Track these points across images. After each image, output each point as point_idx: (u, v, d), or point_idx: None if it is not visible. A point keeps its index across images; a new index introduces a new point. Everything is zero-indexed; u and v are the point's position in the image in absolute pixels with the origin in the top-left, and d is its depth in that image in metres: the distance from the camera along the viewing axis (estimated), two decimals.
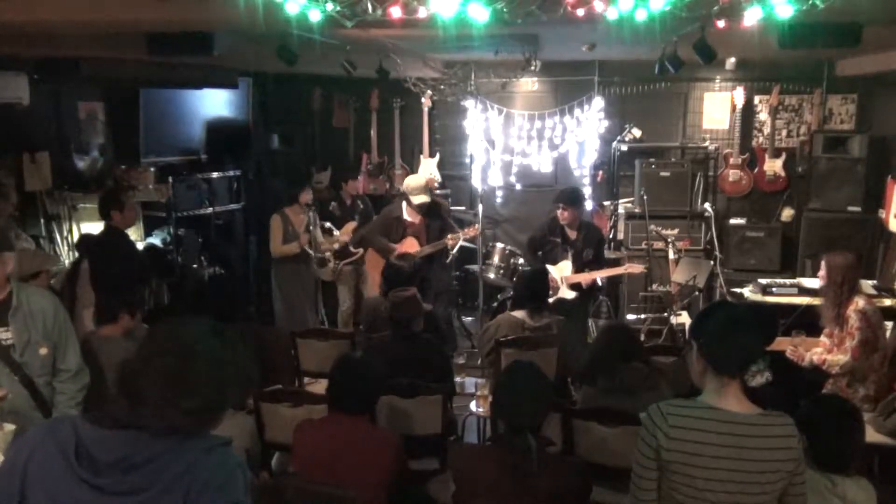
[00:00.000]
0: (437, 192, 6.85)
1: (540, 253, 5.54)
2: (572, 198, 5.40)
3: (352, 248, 6.16)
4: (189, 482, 1.45)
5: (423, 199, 5.73)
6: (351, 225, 6.15)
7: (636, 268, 5.59)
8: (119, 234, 4.83)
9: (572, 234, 5.43)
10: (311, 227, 5.88)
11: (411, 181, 5.83)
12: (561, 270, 5.36)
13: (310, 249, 5.86)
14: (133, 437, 1.46)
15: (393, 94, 7.20)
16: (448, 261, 5.90)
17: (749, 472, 1.96)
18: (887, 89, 6.29)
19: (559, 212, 5.39)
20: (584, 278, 5.39)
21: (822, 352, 4.14)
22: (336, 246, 6.05)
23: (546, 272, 5.03)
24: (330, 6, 3.04)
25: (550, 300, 5.13)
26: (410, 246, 5.83)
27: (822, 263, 4.19)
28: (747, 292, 5.50)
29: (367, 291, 6.17)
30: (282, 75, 7.08)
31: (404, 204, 5.86)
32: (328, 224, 6.12)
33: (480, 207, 5.50)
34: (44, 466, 1.46)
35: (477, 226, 5.94)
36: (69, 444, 1.45)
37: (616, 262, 5.97)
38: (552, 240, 5.49)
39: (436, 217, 5.87)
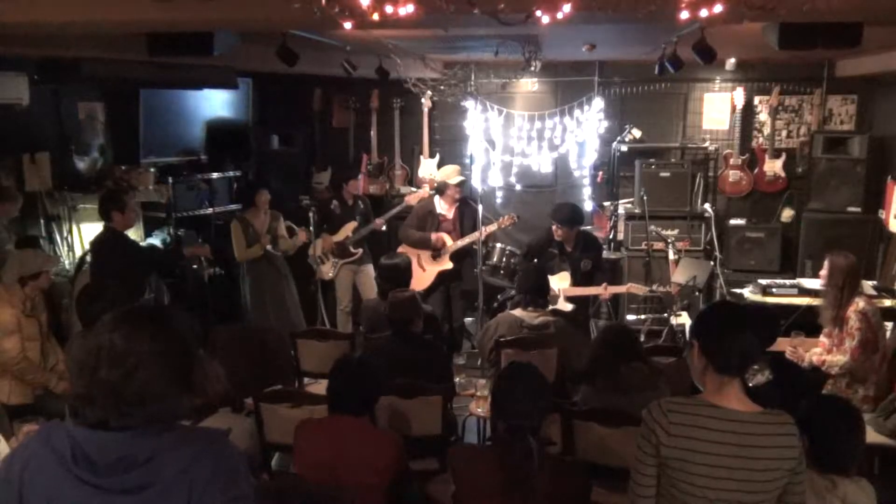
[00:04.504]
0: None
1: (535, 261, 5.52)
2: (569, 218, 5.37)
3: (351, 249, 6.16)
4: (193, 477, 1.45)
5: (459, 178, 5.89)
6: (351, 225, 6.14)
7: (639, 289, 5.53)
8: (118, 235, 4.82)
9: (569, 247, 5.44)
10: (311, 227, 5.87)
11: (445, 169, 6.08)
12: (559, 282, 5.35)
13: (271, 248, 5.83)
14: (129, 436, 1.46)
15: (393, 95, 7.18)
16: (476, 270, 5.81)
17: (749, 470, 1.97)
18: (887, 89, 6.29)
19: (554, 227, 5.39)
20: (583, 292, 5.37)
21: (822, 352, 4.14)
22: (297, 244, 6.00)
23: (543, 268, 5.02)
24: (330, 6, 3.04)
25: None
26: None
27: (826, 262, 4.19)
28: (747, 293, 5.51)
29: (365, 292, 6.16)
30: (282, 75, 7.07)
31: (437, 198, 5.96)
32: (304, 225, 6.10)
33: (480, 208, 5.50)
34: (41, 472, 1.46)
35: (513, 214, 5.94)
36: (65, 448, 1.45)
37: (615, 266, 5.94)
38: (550, 252, 5.48)
39: (469, 211, 5.90)
